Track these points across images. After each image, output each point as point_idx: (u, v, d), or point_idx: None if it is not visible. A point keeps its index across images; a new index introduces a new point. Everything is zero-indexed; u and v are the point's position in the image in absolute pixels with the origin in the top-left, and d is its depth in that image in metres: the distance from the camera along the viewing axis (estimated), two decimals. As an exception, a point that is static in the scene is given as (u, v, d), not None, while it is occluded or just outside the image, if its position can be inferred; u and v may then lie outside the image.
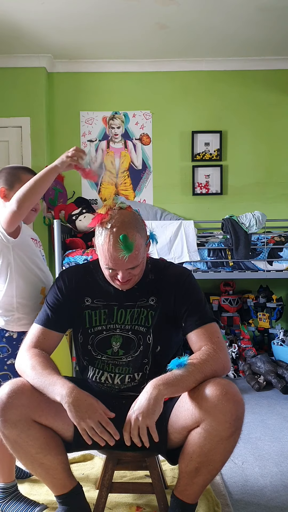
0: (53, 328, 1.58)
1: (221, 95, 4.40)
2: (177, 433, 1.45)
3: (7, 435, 1.42)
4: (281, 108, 4.40)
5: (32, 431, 1.42)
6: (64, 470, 1.50)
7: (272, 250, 3.61)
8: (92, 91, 4.39)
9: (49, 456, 1.45)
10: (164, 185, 4.40)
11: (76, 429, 1.48)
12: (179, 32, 3.81)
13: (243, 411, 1.37)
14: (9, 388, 1.42)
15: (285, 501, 1.84)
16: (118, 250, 1.44)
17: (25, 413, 1.40)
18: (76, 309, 1.62)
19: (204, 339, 1.50)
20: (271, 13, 3.54)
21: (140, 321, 1.58)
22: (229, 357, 1.51)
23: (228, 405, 1.34)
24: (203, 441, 1.38)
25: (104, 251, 1.48)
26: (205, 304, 1.59)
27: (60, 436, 1.49)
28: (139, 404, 1.37)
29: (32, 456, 1.45)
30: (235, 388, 1.38)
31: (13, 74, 4.23)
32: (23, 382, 1.44)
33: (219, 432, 1.35)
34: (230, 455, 1.42)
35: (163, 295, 1.59)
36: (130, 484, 1.75)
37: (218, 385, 1.37)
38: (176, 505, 1.49)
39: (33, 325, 1.60)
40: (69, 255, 3.55)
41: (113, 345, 1.59)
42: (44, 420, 1.44)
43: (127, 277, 1.51)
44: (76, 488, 1.55)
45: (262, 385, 3.37)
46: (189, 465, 1.42)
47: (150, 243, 1.60)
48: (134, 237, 1.46)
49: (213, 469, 1.43)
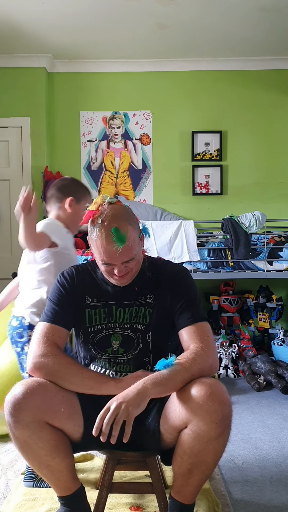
0: (61, 324, 1.56)
1: (221, 95, 4.40)
2: (168, 433, 1.45)
3: (18, 435, 1.40)
4: (281, 108, 4.40)
5: (44, 433, 1.40)
6: (69, 472, 1.49)
7: (272, 250, 3.61)
8: (92, 91, 4.39)
9: (58, 458, 1.44)
10: (164, 185, 4.40)
11: (85, 430, 1.47)
12: (179, 32, 3.82)
13: (230, 411, 1.37)
14: (23, 388, 1.39)
15: (285, 501, 1.84)
16: (111, 242, 1.44)
17: (38, 414, 1.38)
18: (78, 307, 1.62)
19: (194, 337, 1.50)
20: (271, 13, 3.54)
21: (138, 319, 1.59)
22: (217, 357, 1.51)
23: (213, 405, 1.33)
24: (192, 442, 1.37)
25: (98, 246, 1.48)
26: (199, 303, 1.59)
27: (68, 438, 1.49)
28: (125, 393, 1.36)
29: (40, 458, 1.44)
30: (221, 388, 1.38)
31: (13, 74, 4.23)
32: (38, 383, 1.43)
33: (206, 433, 1.35)
34: (222, 454, 1.42)
35: (160, 293, 1.59)
36: (130, 484, 1.75)
37: (204, 385, 1.36)
38: (174, 506, 1.49)
39: (40, 324, 1.58)
40: (69, 255, 3.55)
41: (113, 344, 1.59)
42: (56, 422, 1.43)
43: (124, 271, 1.51)
44: (79, 490, 1.54)
45: (262, 385, 3.37)
46: (182, 466, 1.42)
47: (144, 237, 1.60)
48: (126, 229, 1.47)
49: (206, 469, 1.42)
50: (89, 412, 1.49)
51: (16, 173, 4.29)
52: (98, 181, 4.40)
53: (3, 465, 2.19)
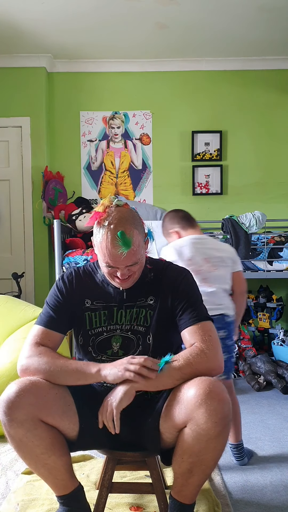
0: (55, 329, 1.58)
1: (221, 95, 4.40)
2: (168, 432, 1.45)
3: (13, 434, 1.41)
4: (281, 108, 4.40)
5: (39, 431, 1.41)
6: (67, 471, 1.50)
7: (272, 250, 3.61)
8: (92, 91, 4.39)
9: (54, 457, 1.44)
10: (164, 185, 4.40)
11: (81, 429, 1.48)
12: (179, 32, 3.82)
13: (229, 409, 1.36)
14: (16, 387, 1.40)
15: (285, 501, 1.84)
16: (117, 246, 1.44)
17: (32, 412, 1.39)
18: (77, 311, 1.61)
19: (196, 337, 1.50)
20: (272, 13, 3.54)
21: (139, 321, 1.58)
22: (221, 356, 1.49)
23: (212, 403, 1.33)
24: (191, 441, 1.37)
25: (103, 249, 1.48)
26: (200, 303, 1.59)
27: (64, 436, 1.49)
28: (113, 392, 1.45)
29: (36, 456, 1.44)
30: (220, 387, 1.37)
31: (13, 74, 4.23)
32: (30, 381, 1.43)
33: (206, 432, 1.34)
34: (222, 453, 1.42)
35: (161, 295, 1.59)
36: (130, 484, 1.75)
37: (203, 384, 1.36)
38: (174, 506, 1.49)
39: (34, 327, 1.59)
40: (69, 255, 3.55)
41: (113, 346, 1.59)
42: (51, 419, 1.43)
43: (127, 274, 1.51)
44: (77, 489, 1.54)
45: (262, 385, 3.37)
46: (182, 466, 1.42)
47: (149, 241, 1.60)
48: (132, 233, 1.46)
49: (206, 468, 1.42)
50: (84, 410, 1.50)
51: (16, 173, 4.29)
52: (98, 181, 4.40)
53: (3, 465, 2.19)
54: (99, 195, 4.40)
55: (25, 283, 4.20)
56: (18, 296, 3.86)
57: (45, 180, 4.17)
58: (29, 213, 4.27)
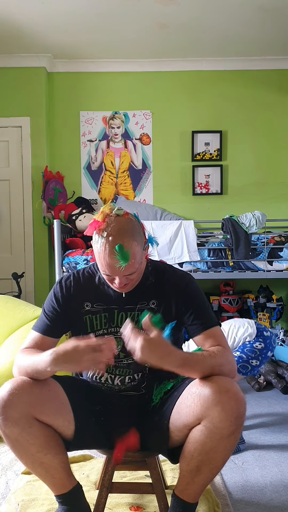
0: (50, 335, 1.60)
1: (221, 95, 4.40)
2: (178, 431, 1.45)
3: (8, 433, 1.41)
4: (281, 108, 4.40)
5: (33, 429, 1.41)
6: (64, 469, 1.50)
7: (272, 250, 3.61)
8: (92, 91, 4.39)
9: (49, 455, 1.45)
10: (164, 185, 4.40)
11: (77, 427, 1.48)
12: (179, 31, 3.81)
13: (245, 410, 1.37)
14: (10, 386, 1.41)
15: (285, 501, 1.84)
16: (114, 260, 1.44)
17: (26, 410, 1.39)
18: (75, 315, 1.61)
19: (211, 341, 1.52)
20: (272, 13, 3.54)
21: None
22: (235, 360, 1.53)
23: (230, 402, 1.34)
24: (204, 439, 1.37)
25: (101, 259, 1.47)
26: (208, 308, 1.59)
27: (60, 435, 1.49)
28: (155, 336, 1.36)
29: (32, 455, 1.44)
30: (237, 386, 1.38)
31: (13, 74, 4.24)
32: (23, 380, 1.44)
33: (220, 430, 1.35)
34: (231, 453, 1.42)
35: (164, 300, 1.59)
36: (130, 484, 1.75)
37: (220, 382, 1.37)
38: (176, 504, 1.49)
39: (31, 332, 1.62)
40: (69, 255, 3.55)
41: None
42: (45, 417, 1.43)
43: (124, 282, 1.51)
44: (76, 487, 1.54)
45: (262, 385, 3.37)
46: (190, 463, 1.42)
47: (149, 247, 1.59)
48: (130, 246, 1.45)
49: (214, 468, 1.42)
50: (80, 409, 1.50)
51: (16, 173, 4.29)
52: (98, 181, 4.40)
53: (3, 465, 2.19)
54: (99, 195, 4.40)
55: (25, 283, 4.20)
56: (18, 296, 3.86)
57: (45, 180, 4.17)
58: (29, 213, 4.27)
